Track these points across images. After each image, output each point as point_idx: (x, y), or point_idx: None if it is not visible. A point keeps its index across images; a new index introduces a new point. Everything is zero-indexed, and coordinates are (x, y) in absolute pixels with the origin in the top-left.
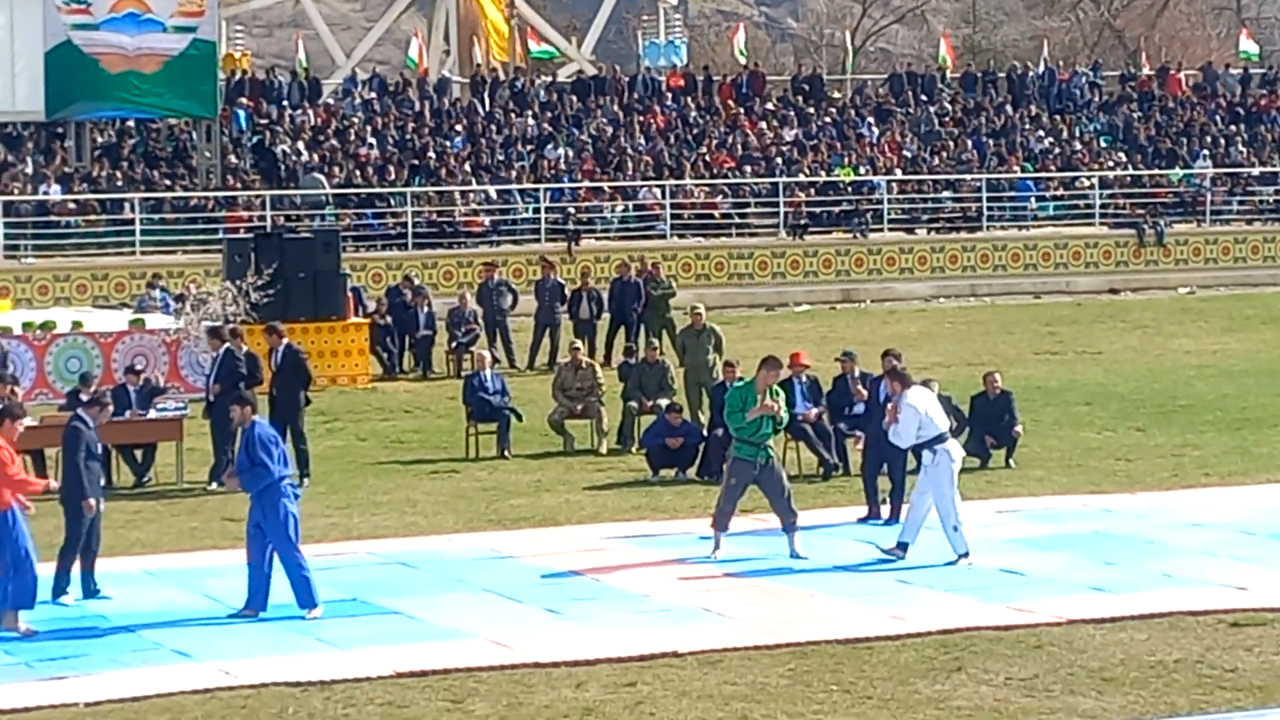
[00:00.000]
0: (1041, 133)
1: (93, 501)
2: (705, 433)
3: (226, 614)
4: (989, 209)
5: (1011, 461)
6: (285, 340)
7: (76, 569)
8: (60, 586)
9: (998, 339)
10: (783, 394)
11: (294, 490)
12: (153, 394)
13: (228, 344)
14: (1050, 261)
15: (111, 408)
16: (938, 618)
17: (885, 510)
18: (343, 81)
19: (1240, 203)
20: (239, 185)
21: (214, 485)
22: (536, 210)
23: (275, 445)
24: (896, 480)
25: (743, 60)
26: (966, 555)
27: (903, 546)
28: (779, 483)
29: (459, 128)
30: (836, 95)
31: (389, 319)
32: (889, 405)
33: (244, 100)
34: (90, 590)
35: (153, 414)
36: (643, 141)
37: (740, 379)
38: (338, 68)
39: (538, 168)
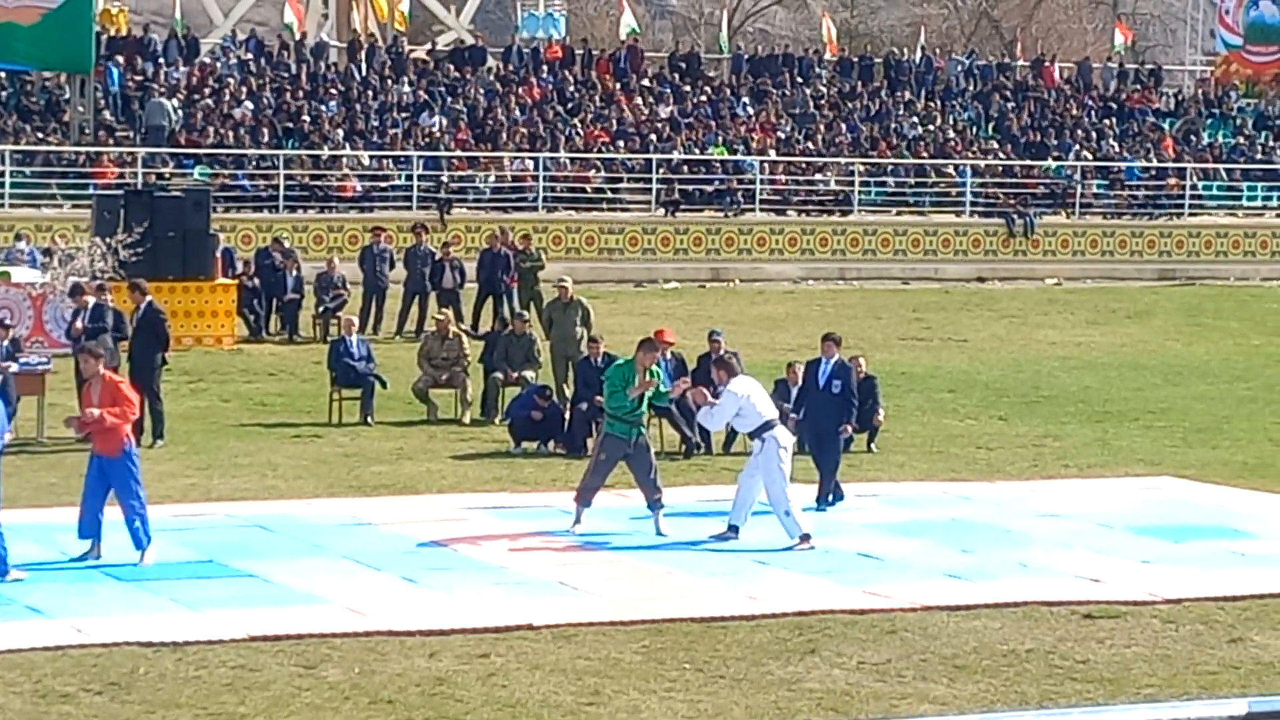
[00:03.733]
0: (915, 119)
1: None
2: (569, 406)
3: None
4: (861, 193)
5: (873, 446)
6: (148, 298)
7: None
8: None
9: (865, 323)
10: (661, 373)
11: None
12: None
13: (97, 298)
14: (920, 248)
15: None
16: (793, 599)
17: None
18: (220, 41)
19: (1100, 196)
20: (111, 141)
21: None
22: (409, 177)
23: None
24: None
25: (625, 36)
26: (807, 538)
27: (734, 529)
28: (648, 461)
29: (334, 91)
30: (713, 74)
31: (257, 281)
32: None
33: (118, 57)
34: None
35: (14, 368)
36: (518, 113)
37: (606, 355)
38: (215, 27)
39: (412, 135)
